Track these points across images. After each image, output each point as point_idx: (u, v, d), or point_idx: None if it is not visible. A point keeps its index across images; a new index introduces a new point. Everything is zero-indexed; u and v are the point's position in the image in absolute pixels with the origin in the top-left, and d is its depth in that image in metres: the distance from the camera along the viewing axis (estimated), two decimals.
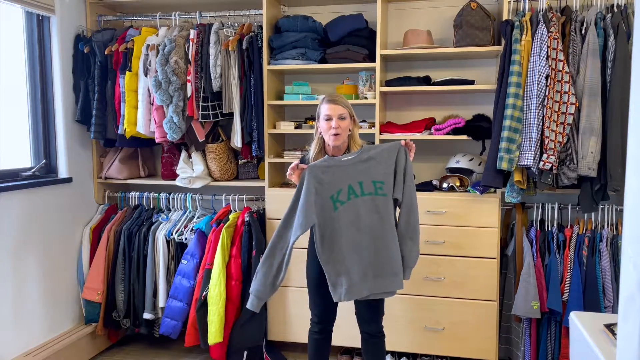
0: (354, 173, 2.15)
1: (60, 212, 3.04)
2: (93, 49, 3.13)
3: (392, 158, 2.17)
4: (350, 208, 2.14)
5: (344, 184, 2.15)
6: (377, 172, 2.16)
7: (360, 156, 2.17)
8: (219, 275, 2.87)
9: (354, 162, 2.15)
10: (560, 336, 2.70)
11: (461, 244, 2.79)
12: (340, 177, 2.15)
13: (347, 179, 2.15)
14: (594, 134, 2.50)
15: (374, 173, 2.16)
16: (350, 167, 2.15)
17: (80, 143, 3.23)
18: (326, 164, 2.16)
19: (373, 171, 2.16)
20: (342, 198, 2.15)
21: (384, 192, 2.16)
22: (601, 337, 1.40)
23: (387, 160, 2.17)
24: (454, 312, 2.83)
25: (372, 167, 2.16)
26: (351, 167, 2.15)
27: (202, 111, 2.98)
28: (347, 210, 2.14)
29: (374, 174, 2.16)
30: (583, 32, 2.56)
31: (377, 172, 2.16)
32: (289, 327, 3.07)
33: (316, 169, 2.15)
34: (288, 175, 2.24)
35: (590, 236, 2.71)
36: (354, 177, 2.15)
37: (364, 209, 2.14)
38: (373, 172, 2.16)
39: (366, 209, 2.14)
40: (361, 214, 2.14)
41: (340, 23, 3.00)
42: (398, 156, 2.18)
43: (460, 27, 2.79)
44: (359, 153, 2.17)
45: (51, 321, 2.97)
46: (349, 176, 2.15)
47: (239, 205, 3.23)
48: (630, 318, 0.91)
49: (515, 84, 2.56)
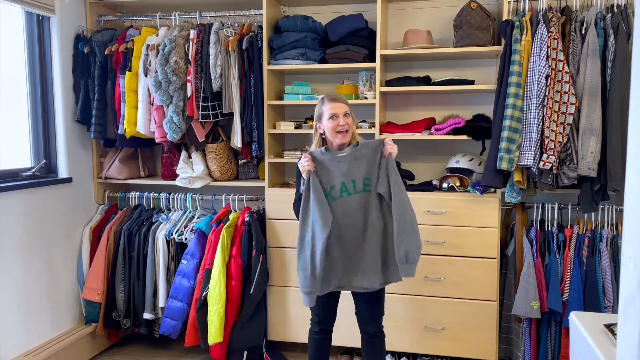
0: (348, 170, 2.17)
1: (60, 212, 3.04)
2: (93, 49, 3.13)
3: (377, 154, 2.19)
4: (341, 205, 2.17)
5: (337, 181, 2.17)
6: (366, 169, 2.18)
7: (354, 153, 2.18)
8: (219, 275, 2.87)
9: (348, 159, 2.17)
10: (560, 336, 2.70)
11: (461, 244, 2.79)
12: (334, 173, 2.17)
13: (340, 176, 2.17)
14: (594, 134, 2.50)
15: (364, 170, 2.18)
16: (344, 163, 2.17)
17: (80, 143, 3.23)
18: (322, 157, 2.17)
19: (363, 168, 2.18)
20: (335, 194, 2.17)
21: (370, 189, 2.18)
22: (601, 337, 1.40)
23: (373, 157, 2.19)
24: (454, 312, 2.83)
25: (363, 164, 2.18)
26: (345, 163, 2.17)
27: (202, 111, 2.98)
28: (339, 206, 2.16)
29: (364, 171, 2.18)
30: (583, 32, 2.57)
31: (366, 169, 2.18)
32: (289, 327, 3.07)
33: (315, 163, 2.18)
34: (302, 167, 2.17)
35: (590, 236, 2.71)
36: (348, 175, 2.17)
37: (356, 206, 2.17)
38: (363, 169, 2.18)
39: (358, 206, 2.17)
40: (353, 210, 2.17)
41: (340, 23, 3.00)
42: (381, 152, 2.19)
43: (460, 27, 2.79)
44: (353, 149, 2.18)
45: (51, 321, 2.97)
46: (342, 173, 2.17)
47: (239, 205, 3.24)
48: (630, 318, 0.91)
49: (515, 84, 2.56)
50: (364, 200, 2.17)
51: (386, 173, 2.17)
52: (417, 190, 2.91)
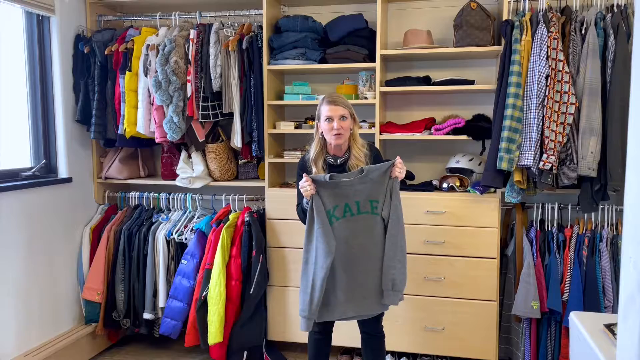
0: (352, 193, 2.15)
1: (60, 212, 3.04)
2: (93, 49, 3.13)
3: (386, 177, 2.17)
4: (344, 225, 2.15)
5: (341, 202, 2.15)
6: (374, 191, 2.16)
7: (361, 179, 2.14)
8: (219, 275, 2.87)
9: (353, 184, 2.14)
10: (560, 336, 2.70)
11: (461, 244, 2.79)
12: (338, 195, 2.15)
13: (344, 198, 2.15)
14: (593, 134, 2.50)
15: (372, 192, 2.16)
16: (349, 187, 2.14)
17: (80, 143, 3.23)
18: (325, 182, 2.14)
19: (370, 191, 2.16)
20: (338, 214, 2.16)
21: (377, 212, 2.17)
22: (601, 337, 1.40)
23: (382, 179, 2.16)
24: (454, 312, 2.83)
25: (370, 187, 2.15)
26: (349, 187, 2.14)
27: (202, 111, 2.98)
28: (341, 226, 2.15)
29: (371, 193, 2.16)
30: (583, 32, 2.56)
31: (374, 191, 2.16)
32: (289, 327, 3.07)
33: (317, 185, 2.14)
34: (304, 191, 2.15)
35: (590, 236, 2.71)
36: (352, 197, 2.15)
37: (359, 227, 2.16)
38: (370, 191, 2.16)
39: (361, 228, 2.16)
40: (355, 232, 2.15)
41: (340, 23, 3.00)
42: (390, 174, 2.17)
43: (460, 27, 2.79)
44: (359, 176, 2.14)
45: (51, 321, 2.97)
46: (346, 196, 2.15)
47: (239, 205, 3.24)
48: (630, 318, 0.91)
49: (515, 84, 2.55)
50: (367, 223, 2.16)
51: (390, 196, 2.16)
52: (417, 190, 2.90)
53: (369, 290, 2.17)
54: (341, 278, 2.15)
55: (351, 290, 2.17)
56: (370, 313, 2.23)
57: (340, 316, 2.19)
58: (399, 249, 2.16)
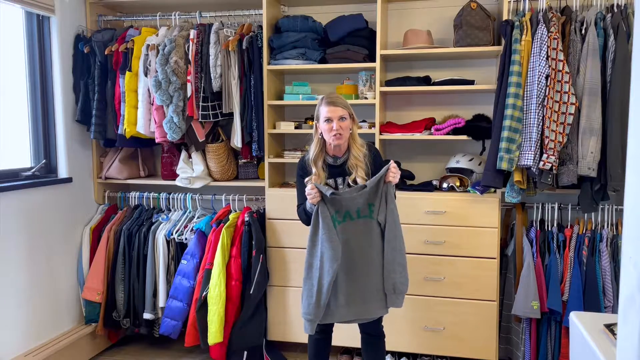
0: (353, 204, 2.18)
1: (60, 212, 3.04)
2: (93, 49, 3.13)
3: (381, 182, 2.20)
4: (344, 228, 2.19)
5: (342, 209, 2.19)
6: (371, 195, 2.19)
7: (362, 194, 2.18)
8: (219, 275, 2.87)
9: (353, 197, 2.18)
10: (560, 336, 2.70)
11: (461, 244, 2.79)
12: (340, 203, 2.18)
13: (346, 207, 2.19)
14: (593, 134, 2.50)
15: (369, 197, 2.19)
16: (349, 200, 2.18)
17: (80, 143, 3.23)
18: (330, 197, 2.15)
19: (368, 195, 2.19)
20: (339, 218, 2.19)
21: (374, 216, 2.20)
22: (601, 337, 1.40)
23: (378, 185, 2.19)
24: (454, 312, 2.83)
25: (367, 193, 2.19)
26: (350, 200, 2.18)
27: (202, 111, 2.98)
28: (342, 229, 2.18)
29: (369, 198, 2.19)
30: (583, 32, 2.56)
31: (371, 196, 2.19)
32: (289, 327, 3.07)
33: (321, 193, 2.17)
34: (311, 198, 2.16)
35: (590, 236, 2.71)
36: (353, 206, 2.18)
37: (359, 231, 2.19)
38: (368, 196, 2.19)
39: (360, 231, 2.19)
40: (355, 235, 2.18)
41: (340, 23, 3.00)
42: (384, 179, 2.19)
43: (460, 27, 2.79)
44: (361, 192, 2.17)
45: (51, 321, 2.97)
46: (348, 205, 2.18)
47: (239, 205, 3.23)
48: (630, 318, 0.91)
49: (515, 84, 2.55)
50: (366, 226, 2.19)
51: (385, 200, 2.19)
52: (417, 190, 2.90)
53: (369, 294, 2.19)
54: (342, 281, 2.17)
55: (352, 293, 2.19)
56: (370, 317, 2.24)
57: (341, 319, 2.21)
58: (398, 252, 2.19)
